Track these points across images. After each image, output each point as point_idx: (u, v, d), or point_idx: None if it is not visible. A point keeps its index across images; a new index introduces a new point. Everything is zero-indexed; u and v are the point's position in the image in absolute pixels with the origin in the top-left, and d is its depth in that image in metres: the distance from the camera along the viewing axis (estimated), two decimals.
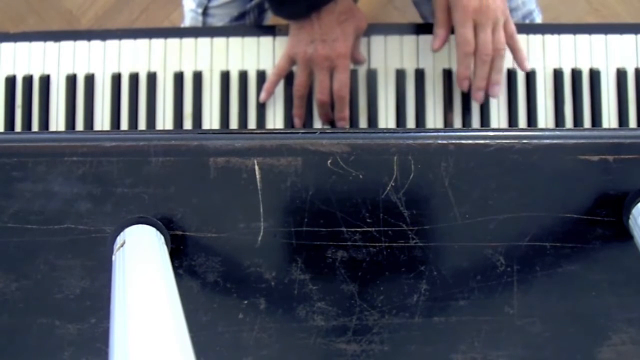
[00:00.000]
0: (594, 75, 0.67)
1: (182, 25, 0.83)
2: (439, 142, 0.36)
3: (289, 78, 0.68)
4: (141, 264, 0.30)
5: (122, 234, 0.34)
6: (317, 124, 0.68)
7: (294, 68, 0.67)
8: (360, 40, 0.67)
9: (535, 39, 0.68)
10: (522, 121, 0.67)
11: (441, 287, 0.37)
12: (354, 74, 0.68)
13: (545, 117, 0.68)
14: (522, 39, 0.68)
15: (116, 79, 0.68)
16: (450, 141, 0.36)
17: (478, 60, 0.62)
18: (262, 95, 0.67)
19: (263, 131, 0.37)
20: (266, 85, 0.67)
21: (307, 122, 0.68)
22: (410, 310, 0.37)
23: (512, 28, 0.63)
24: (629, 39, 0.68)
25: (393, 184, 0.36)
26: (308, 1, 0.62)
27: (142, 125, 0.68)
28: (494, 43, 0.62)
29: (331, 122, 0.68)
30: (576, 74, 0.67)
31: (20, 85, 0.68)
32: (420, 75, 0.68)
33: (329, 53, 0.64)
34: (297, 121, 0.68)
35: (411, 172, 0.36)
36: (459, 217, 0.36)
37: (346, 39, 0.64)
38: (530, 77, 0.67)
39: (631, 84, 0.67)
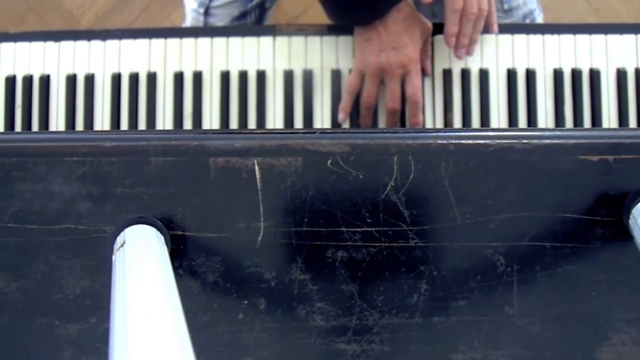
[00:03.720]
0: (594, 75, 0.67)
1: (183, 25, 0.83)
2: (439, 142, 0.36)
3: (288, 78, 0.68)
4: (141, 264, 0.30)
5: (122, 234, 0.34)
6: (318, 124, 0.68)
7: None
8: (428, 45, 0.68)
9: (535, 39, 0.68)
10: (522, 121, 0.67)
11: (441, 287, 0.37)
12: None
13: (545, 117, 0.68)
14: (522, 39, 0.68)
15: (116, 79, 0.68)
16: (450, 141, 0.36)
17: (464, 18, 0.65)
18: (341, 116, 0.68)
19: (263, 131, 0.37)
20: (342, 106, 0.67)
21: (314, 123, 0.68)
22: (410, 310, 0.37)
23: None
24: (629, 39, 0.68)
25: (393, 184, 0.36)
26: (372, 11, 0.63)
27: (142, 125, 0.68)
28: (478, 3, 0.65)
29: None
30: (576, 74, 0.67)
31: (20, 85, 0.68)
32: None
33: (401, 59, 0.65)
34: None
35: (411, 172, 0.36)
36: (459, 217, 0.36)
37: (415, 43, 0.65)
38: (530, 77, 0.67)
39: (631, 84, 0.67)
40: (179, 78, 0.68)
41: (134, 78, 0.68)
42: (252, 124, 0.68)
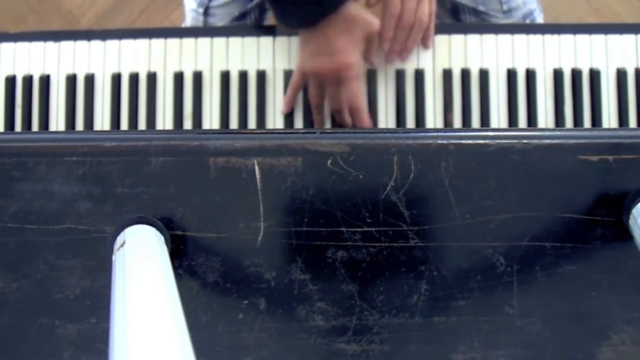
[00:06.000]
0: (594, 75, 0.67)
1: (183, 25, 0.83)
2: (439, 142, 0.36)
3: (288, 78, 0.68)
4: (141, 264, 0.30)
5: (122, 234, 0.34)
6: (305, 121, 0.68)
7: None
8: (374, 40, 0.67)
9: (535, 39, 0.68)
10: (522, 121, 0.67)
11: (441, 287, 0.37)
12: None
13: (545, 117, 0.68)
14: (522, 39, 0.68)
15: (116, 79, 0.68)
16: (450, 141, 0.36)
17: (400, 25, 0.64)
18: (283, 108, 0.68)
19: (263, 131, 0.37)
20: (285, 100, 0.67)
21: (307, 121, 0.68)
22: (410, 310, 0.37)
23: (433, 7, 0.66)
24: (629, 39, 0.68)
25: (393, 184, 0.36)
26: (308, 14, 0.62)
27: (142, 125, 0.68)
28: (416, 13, 0.64)
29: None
30: (576, 74, 0.67)
31: (20, 85, 0.68)
32: (419, 75, 0.68)
33: (335, 66, 0.63)
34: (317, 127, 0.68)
35: (411, 172, 0.36)
36: (459, 217, 0.36)
37: (354, 46, 0.64)
38: (530, 77, 0.67)
39: (631, 84, 0.67)
40: (179, 78, 0.68)
41: (134, 78, 0.68)
42: (252, 124, 0.68)
